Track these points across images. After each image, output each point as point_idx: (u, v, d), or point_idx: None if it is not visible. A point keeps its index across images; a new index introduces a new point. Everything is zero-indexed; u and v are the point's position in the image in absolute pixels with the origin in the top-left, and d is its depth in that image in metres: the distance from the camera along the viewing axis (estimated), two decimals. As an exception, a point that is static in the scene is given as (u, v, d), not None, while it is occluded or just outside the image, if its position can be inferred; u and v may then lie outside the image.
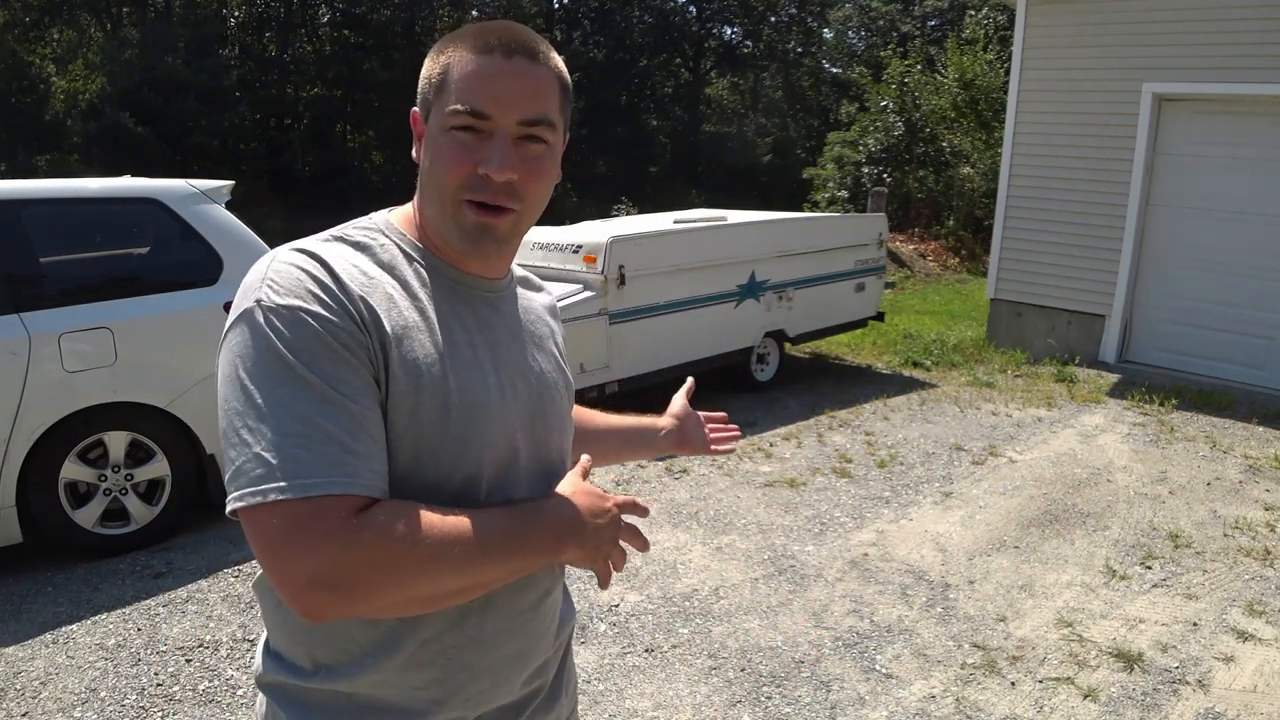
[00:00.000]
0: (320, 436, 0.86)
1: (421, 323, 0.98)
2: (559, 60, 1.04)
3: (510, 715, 1.16)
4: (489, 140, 0.97)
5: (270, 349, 0.88)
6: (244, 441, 0.86)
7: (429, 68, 1.02)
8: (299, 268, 0.93)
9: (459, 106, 0.96)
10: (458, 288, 1.05)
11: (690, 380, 1.64)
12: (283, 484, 0.84)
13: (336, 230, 1.04)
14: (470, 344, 1.03)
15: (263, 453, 0.85)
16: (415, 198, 1.07)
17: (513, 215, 1.01)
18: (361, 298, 0.93)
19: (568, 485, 1.08)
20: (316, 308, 0.90)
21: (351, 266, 0.96)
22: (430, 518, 0.89)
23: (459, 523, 0.91)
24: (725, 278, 6.29)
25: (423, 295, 1.01)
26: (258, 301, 0.90)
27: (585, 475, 1.11)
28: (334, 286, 0.92)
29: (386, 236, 1.04)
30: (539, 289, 1.27)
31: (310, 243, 0.99)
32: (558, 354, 1.20)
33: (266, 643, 1.09)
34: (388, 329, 0.94)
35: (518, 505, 1.02)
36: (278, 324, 0.89)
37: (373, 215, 1.08)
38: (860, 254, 7.37)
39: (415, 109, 1.05)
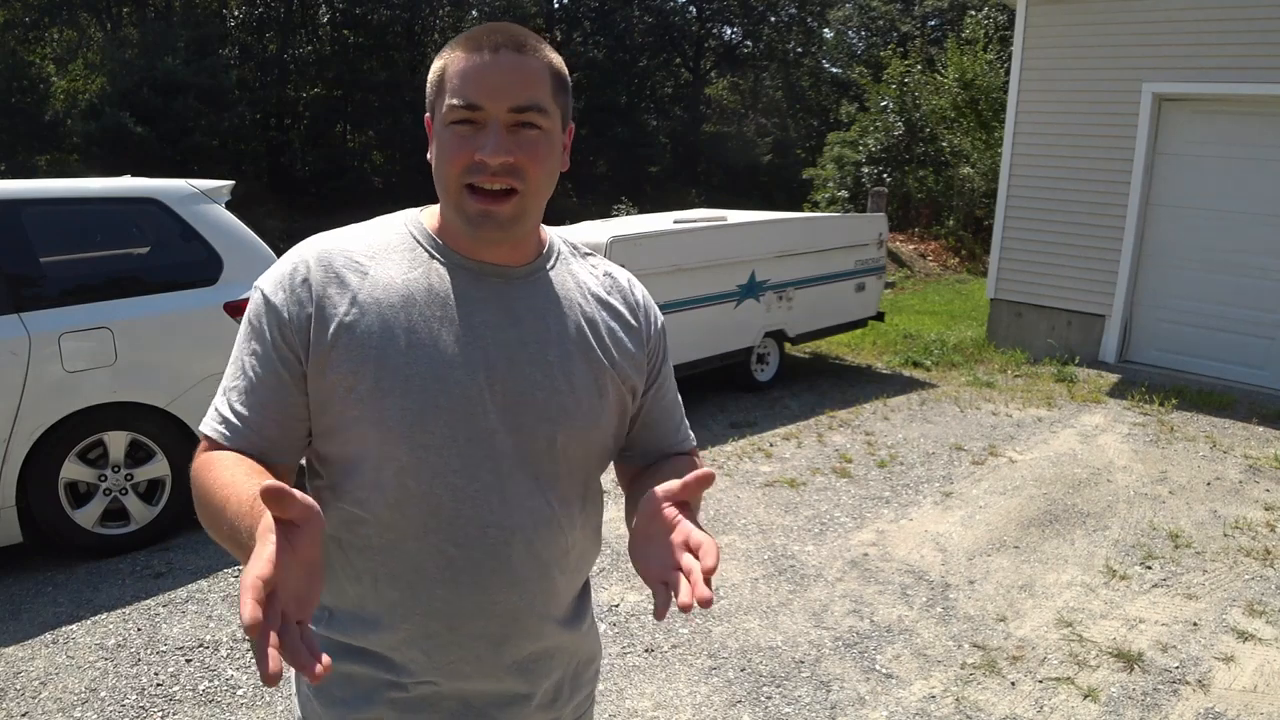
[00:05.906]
0: (225, 389, 1.12)
1: (392, 302, 1.08)
2: (550, 51, 1.10)
3: (497, 702, 1.18)
4: (484, 129, 1.04)
5: (245, 318, 1.12)
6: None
7: (431, 73, 1.11)
8: (287, 262, 1.11)
9: (454, 101, 1.05)
10: (459, 272, 1.12)
11: (691, 480, 0.99)
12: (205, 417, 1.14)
13: (360, 224, 1.18)
14: (442, 321, 1.08)
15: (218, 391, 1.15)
16: None
17: (516, 199, 1.06)
18: (320, 292, 1.07)
19: (264, 547, 0.84)
20: (273, 297, 1.08)
21: (331, 261, 1.09)
22: (213, 472, 1.04)
23: (220, 490, 1.01)
24: (725, 278, 6.29)
25: (406, 279, 1.10)
26: (258, 282, 1.13)
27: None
28: (294, 283, 1.08)
29: (405, 226, 1.15)
30: (604, 274, 1.25)
31: (317, 239, 1.14)
32: (593, 341, 1.17)
33: None
34: (340, 314, 1.07)
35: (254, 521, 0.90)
36: (252, 301, 1.11)
37: (407, 210, 1.20)
38: (860, 254, 7.37)
39: (427, 115, 1.13)
